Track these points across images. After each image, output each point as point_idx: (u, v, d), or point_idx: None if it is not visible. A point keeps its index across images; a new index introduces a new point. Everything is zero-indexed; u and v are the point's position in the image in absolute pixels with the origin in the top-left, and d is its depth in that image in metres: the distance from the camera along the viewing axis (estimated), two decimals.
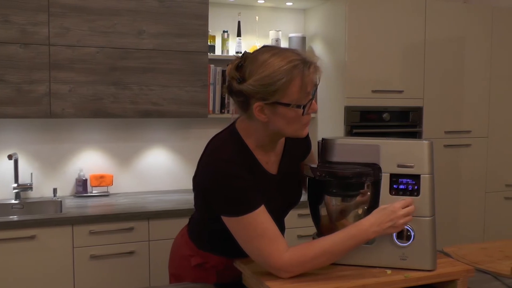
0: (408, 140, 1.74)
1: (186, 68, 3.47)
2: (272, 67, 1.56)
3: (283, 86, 1.56)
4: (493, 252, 2.14)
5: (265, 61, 1.58)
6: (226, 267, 1.83)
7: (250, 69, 1.60)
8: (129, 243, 3.12)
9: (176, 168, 3.90)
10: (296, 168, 1.90)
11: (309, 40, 4.08)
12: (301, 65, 1.58)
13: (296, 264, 1.58)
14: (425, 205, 1.68)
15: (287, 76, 1.55)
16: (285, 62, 1.57)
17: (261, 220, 1.60)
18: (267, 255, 1.59)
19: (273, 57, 1.58)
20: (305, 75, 1.58)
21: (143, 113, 3.40)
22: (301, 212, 3.28)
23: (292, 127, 1.66)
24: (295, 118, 1.63)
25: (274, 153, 1.80)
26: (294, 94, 1.58)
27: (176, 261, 1.96)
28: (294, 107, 1.59)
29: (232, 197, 1.60)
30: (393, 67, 3.79)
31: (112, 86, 3.31)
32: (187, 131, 3.91)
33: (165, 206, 3.30)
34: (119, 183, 3.75)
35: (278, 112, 1.61)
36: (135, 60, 3.35)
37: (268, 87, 1.56)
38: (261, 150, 1.74)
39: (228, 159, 1.63)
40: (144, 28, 3.36)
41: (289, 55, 1.59)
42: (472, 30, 4.05)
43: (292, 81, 1.56)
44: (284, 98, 1.58)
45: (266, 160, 1.77)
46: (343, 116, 3.65)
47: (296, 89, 1.57)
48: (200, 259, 1.85)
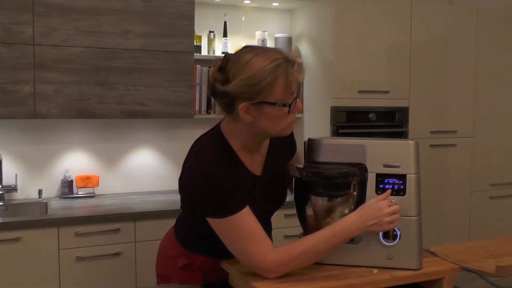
0: (394, 140, 1.75)
1: (172, 68, 3.46)
2: (256, 67, 1.57)
3: (268, 86, 1.56)
4: (478, 251, 2.15)
5: (248, 61, 1.58)
6: (213, 267, 1.83)
7: (233, 70, 1.60)
8: (115, 244, 3.11)
9: (163, 169, 3.89)
10: (282, 168, 1.90)
11: (295, 40, 4.09)
12: (285, 64, 1.58)
13: (281, 265, 1.59)
14: (411, 205, 1.69)
15: (271, 76, 1.56)
16: (269, 61, 1.57)
17: (246, 221, 1.60)
18: (252, 256, 1.59)
19: (256, 57, 1.59)
20: (289, 73, 1.58)
21: (129, 114, 3.39)
22: (288, 212, 3.28)
23: (278, 127, 1.66)
24: (281, 117, 1.63)
25: (259, 154, 1.80)
26: (279, 93, 1.58)
27: (163, 262, 1.96)
28: (280, 106, 1.60)
29: (216, 199, 1.60)
30: (379, 67, 3.81)
31: (97, 86, 3.30)
32: (173, 132, 3.90)
33: (151, 207, 3.29)
34: (105, 184, 3.73)
35: (264, 111, 1.61)
36: (121, 60, 3.34)
37: (253, 87, 1.56)
38: (245, 151, 1.74)
39: (212, 161, 1.63)
40: (130, 28, 3.35)
41: (272, 54, 1.60)
42: (457, 31, 4.08)
43: (277, 80, 1.57)
44: (269, 97, 1.58)
45: (251, 161, 1.77)
46: (329, 116, 3.66)
47: (281, 88, 1.58)
48: (186, 259, 1.85)
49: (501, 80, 4.28)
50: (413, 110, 3.94)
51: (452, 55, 4.07)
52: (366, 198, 1.69)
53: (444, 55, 4.04)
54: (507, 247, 2.21)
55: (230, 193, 1.60)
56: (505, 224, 4.34)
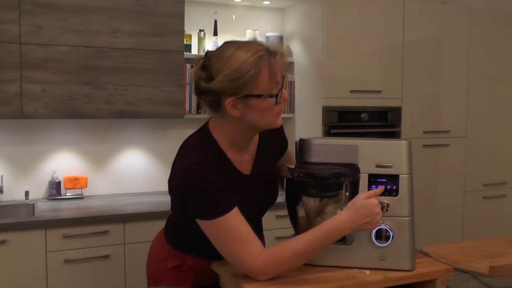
0: (386, 140, 1.76)
1: (162, 68, 3.45)
2: (239, 60, 1.58)
3: (252, 78, 1.58)
4: (471, 251, 2.16)
5: (230, 56, 1.59)
6: (203, 269, 1.82)
7: (216, 66, 1.61)
8: (104, 246, 3.09)
9: (152, 170, 3.88)
10: (272, 167, 1.90)
11: (287, 39, 4.09)
12: (267, 55, 1.60)
13: (270, 267, 1.59)
14: (404, 205, 1.69)
15: (255, 68, 1.57)
16: (251, 54, 1.58)
17: (234, 222, 1.60)
18: (241, 258, 1.59)
19: (238, 50, 1.60)
20: (272, 64, 1.60)
21: (118, 114, 3.37)
22: (279, 214, 3.28)
23: (266, 119, 1.66)
24: (268, 108, 1.64)
25: (247, 152, 1.80)
26: (264, 85, 1.60)
27: (154, 264, 1.95)
28: (267, 97, 1.61)
29: (203, 201, 1.60)
30: (372, 67, 3.82)
31: (86, 86, 3.28)
32: (163, 132, 3.89)
33: (140, 208, 3.28)
34: (93, 185, 3.71)
35: (251, 105, 1.62)
36: (110, 60, 3.33)
37: (238, 81, 1.57)
38: (234, 149, 1.74)
39: (199, 162, 1.63)
40: (119, 27, 3.34)
41: (253, 46, 1.61)
42: (450, 30, 4.09)
43: (261, 71, 1.58)
44: (254, 89, 1.59)
45: (239, 160, 1.77)
46: (321, 116, 3.66)
47: (266, 79, 1.59)
48: (176, 261, 1.85)
49: (494, 79, 4.30)
50: (406, 110, 3.95)
51: (445, 54, 4.08)
52: None
53: (437, 54, 4.06)
54: (501, 248, 2.22)
55: (218, 195, 1.60)
56: (498, 224, 4.36)
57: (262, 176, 1.84)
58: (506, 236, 2.48)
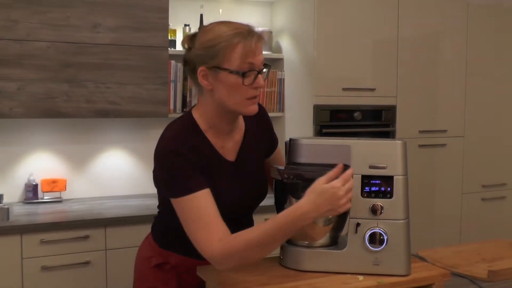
0: (380, 140, 1.77)
1: (145, 64, 3.45)
2: (216, 32, 1.69)
3: (224, 50, 1.66)
4: (469, 255, 2.18)
5: (212, 28, 1.72)
6: (187, 269, 1.84)
7: (198, 37, 1.74)
8: (84, 252, 3.08)
9: (135, 172, 3.87)
10: (260, 157, 1.93)
11: (276, 34, 4.10)
12: (245, 33, 1.67)
13: (224, 256, 1.60)
14: (399, 208, 1.70)
15: (228, 41, 1.66)
16: (229, 29, 1.68)
17: (200, 204, 1.63)
18: (199, 241, 1.63)
19: (220, 25, 1.72)
20: (246, 43, 1.66)
21: (99, 113, 3.36)
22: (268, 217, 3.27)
23: (234, 98, 1.70)
24: (236, 86, 1.68)
25: (231, 139, 1.83)
26: (235, 61, 1.66)
27: (139, 264, 1.99)
28: (234, 73, 1.66)
29: (172, 177, 1.66)
30: (365, 64, 3.83)
31: (65, 83, 3.27)
32: (147, 132, 3.88)
33: (123, 212, 3.27)
34: (73, 188, 3.70)
35: (220, 78, 1.68)
36: (90, 56, 3.32)
37: (210, 50, 1.67)
38: (214, 132, 1.78)
39: (171, 137, 1.72)
40: (99, 21, 3.33)
41: (236, 25, 1.71)
42: (446, 26, 4.11)
43: (233, 47, 1.66)
44: (224, 63, 1.67)
45: (221, 145, 1.80)
46: (312, 115, 3.67)
47: (237, 55, 1.66)
48: (160, 259, 1.88)
49: (493, 77, 4.32)
50: (401, 109, 3.97)
51: (441, 50, 4.10)
52: (351, 201, 1.70)
53: (433, 50, 4.07)
54: (500, 251, 2.24)
55: (186, 172, 1.65)
56: (497, 226, 4.38)
57: (249, 164, 1.86)
58: (506, 239, 2.49)
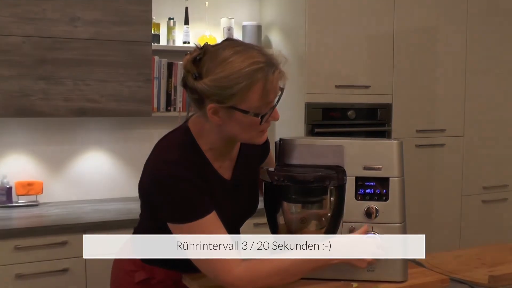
0: (375, 140, 1.78)
1: (127, 61, 3.44)
2: (232, 68, 1.56)
3: (242, 91, 1.56)
4: (469, 260, 2.19)
5: (225, 60, 1.58)
6: (174, 283, 1.83)
7: (208, 65, 1.59)
8: (62, 259, 3.07)
9: (116, 174, 3.86)
10: (253, 173, 1.91)
11: (265, 29, 4.10)
12: (265, 69, 1.58)
13: (247, 280, 1.60)
14: (395, 211, 1.70)
15: (247, 80, 1.56)
16: (248, 64, 1.56)
17: (210, 228, 1.61)
18: (216, 269, 1.60)
19: (235, 55, 1.58)
20: (268, 81, 1.58)
21: (78, 112, 3.35)
22: (258, 221, 3.28)
23: (248, 134, 1.67)
24: (251, 126, 1.64)
25: (228, 157, 1.81)
26: (253, 102, 1.59)
27: (118, 278, 1.94)
28: (252, 115, 1.60)
29: (178, 202, 1.61)
30: (359, 59, 3.84)
31: (41, 81, 3.26)
32: (129, 132, 3.87)
33: (103, 216, 3.26)
34: (50, 191, 3.69)
35: (234, 117, 1.61)
36: (68, 51, 3.30)
37: (225, 90, 1.56)
38: (215, 153, 1.75)
39: (175, 160, 1.64)
40: (78, 15, 3.32)
41: (254, 55, 1.59)
42: (445, 19, 4.12)
43: (253, 86, 1.57)
44: (242, 104, 1.58)
45: (220, 164, 1.78)
46: (303, 114, 3.67)
47: (257, 96, 1.58)
48: (145, 274, 1.85)
49: (494, 74, 4.33)
50: (397, 107, 3.98)
51: (440, 46, 4.11)
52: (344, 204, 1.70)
53: (432, 45, 4.09)
54: (501, 255, 2.25)
55: (194, 197, 1.61)
56: (498, 230, 4.40)
57: (243, 182, 1.85)
58: (507, 243, 2.50)
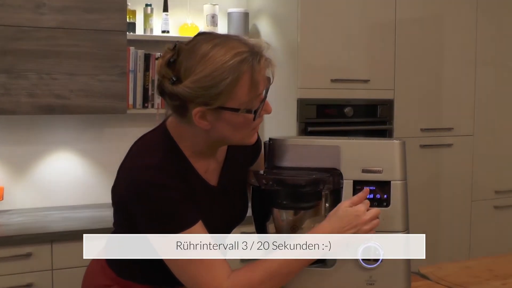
0: (375, 140, 1.79)
1: (99, 52, 3.44)
2: (214, 63, 1.55)
3: (229, 88, 1.55)
4: (480, 272, 2.20)
5: (205, 55, 1.56)
6: None
7: (186, 65, 1.58)
8: (26, 273, 3.07)
9: (87, 178, 3.86)
10: (242, 177, 1.91)
11: (253, 17, 4.10)
12: (250, 58, 1.57)
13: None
14: (397, 218, 1.71)
15: (233, 75, 1.54)
16: (230, 56, 1.55)
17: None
18: (203, 283, 1.60)
19: (215, 49, 1.57)
20: (255, 71, 1.58)
21: (44, 109, 3.35)
22: (246, 229, 3.28)
23: (240, 134, 1.67)
24: (244, 124, 1.64)
25: (214, 159, 1.81)
26: (242, 97, 1.58)
27: None
28: (244, 112, 1.60)
29: (160, 212, 1.60)
30: (357, 51, 3.85)
31: (1, 74, 3.25)
32: (101, 131, 3.87)
33: (72, 225, 3.26)
34: (12, 197, 3.68)
35: (224, 118, 1.61)
36: (33, 42, 3.30)
37: (210, 89, 1.55)
38: (198, 156, 1.75)
39: (156, 166, 1.63)
40: (44, 1, 3.31)
41: (235, 45, 1.58)
42: (453, 6, 4.13)
43: (240, 80, 1.56)
44: (230, 102, 1.57)
45: (205, 168, 1.78)
46: (295, 111, 3.68)
47: (245, 90, 1.57)
48: None
49: (506, 66, 4.36)
50: (399, 103, 3.99)
51: (446, 36, 4.13)
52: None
53: (437, 36, 4.10)
54: None
55: (178, 206, 1.60)
56: None
57: (230, 188, 1.85)
58: None
